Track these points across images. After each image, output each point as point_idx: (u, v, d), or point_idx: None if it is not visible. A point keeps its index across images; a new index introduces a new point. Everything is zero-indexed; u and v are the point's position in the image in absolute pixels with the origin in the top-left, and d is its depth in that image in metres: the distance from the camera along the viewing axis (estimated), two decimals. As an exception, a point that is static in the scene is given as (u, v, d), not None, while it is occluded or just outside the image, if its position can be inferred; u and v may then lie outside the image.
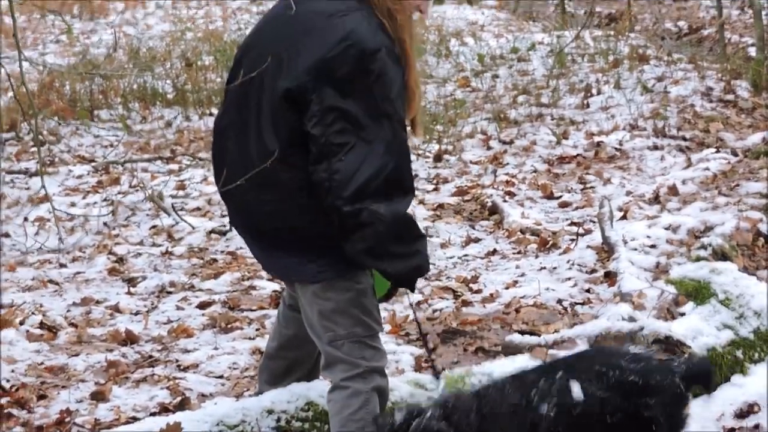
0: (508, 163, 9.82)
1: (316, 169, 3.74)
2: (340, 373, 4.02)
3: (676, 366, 4.05)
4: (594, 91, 12.12)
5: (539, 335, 5.56)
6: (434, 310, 6.52)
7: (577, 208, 8.46)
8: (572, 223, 8.03)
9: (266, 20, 4.13)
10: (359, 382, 4.00)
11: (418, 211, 8.22)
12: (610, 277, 6.61)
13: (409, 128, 4.02)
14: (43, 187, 7.23)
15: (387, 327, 5.94)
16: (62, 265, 7.85)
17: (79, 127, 11.99)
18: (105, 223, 8.80)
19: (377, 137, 3.72)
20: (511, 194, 8.86)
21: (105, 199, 9.36)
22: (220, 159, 4.09)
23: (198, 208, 9.01)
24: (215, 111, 12.23)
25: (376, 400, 4.02)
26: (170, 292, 7.21)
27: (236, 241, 7.82)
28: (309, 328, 4.13)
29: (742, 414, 4.61)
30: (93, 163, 10.70)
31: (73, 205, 9.33)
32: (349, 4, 3.81)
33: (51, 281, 7.48)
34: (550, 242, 7.65)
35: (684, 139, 10.04)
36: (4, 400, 5.42)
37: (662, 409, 3.88)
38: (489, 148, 10.37)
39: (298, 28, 3.84)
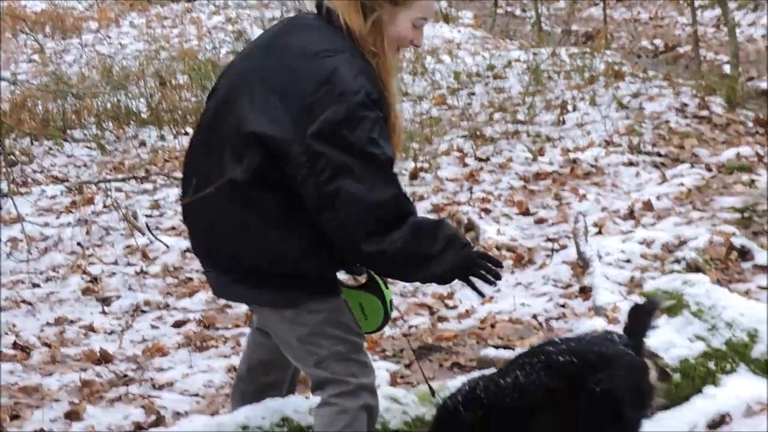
0: (484, 180, 9.85)
1: (323, 220, 3.71)
2: (330, 391, 4.03)
3: (617, 336, 4.15)
4: (570, 107, 12.18)
5: (514, 349, 5.63)
6: (410, 326, 6.57)
7: (552, 224, 8.51)
8: (548, 239, 8.09)
9: (254, 46, 4.10)
10: (348, 399, 4.00)
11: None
12: (585, 292, 6.68)
13: None
14: (15, 207, 7.22)
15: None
16: (35, 285, 7.86)
17: (52, 147, 11.97)
18: (79, 243, 8.79)
19: (368, 177, 3.67)
20: (487, 211, 8.91)
21: (79, 219, 9.35)
22: (187, 175, 4.07)
23: (173, 227, 9.03)
24: (190, 130, 12.26)
25: (363, 419, 4.03)
26: (145, 311, 7.23)
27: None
28: (289, 353, 4.12)
29: (714, 425, 4.66)
30: (66, 183, 10.64)
31: (46, 224, 9.31)
32: (336, 45, 3.78)
33: (24, 301, 7.49)
34: (526, 258, 7.71)
35: (659, 155, 10.11)
36: (-23, 421, 5.44)
37: (617, 381, 3.94)
38: (465, 165, 10.41)
39: (283, 64, 3.80)
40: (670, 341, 5.08)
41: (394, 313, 6.18)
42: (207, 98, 4.16)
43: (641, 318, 4.19)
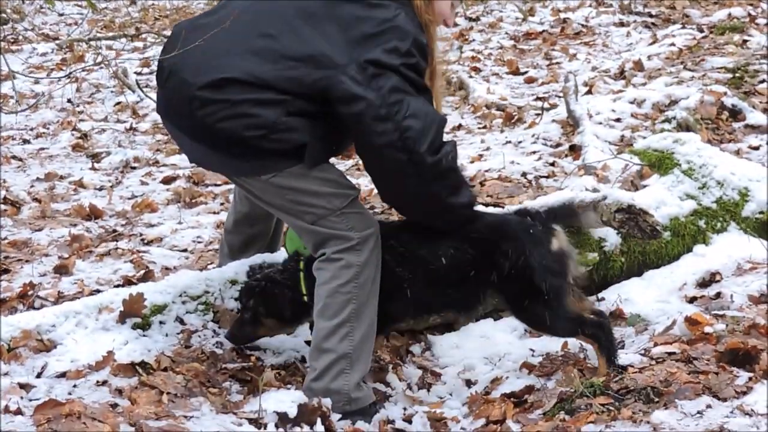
0: (473, 40, 9.68)
1: (378, 131, 3.78)
2: (334, 247, 3.96)
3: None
4: (561, -33, 11.92)
5: (503, 207, 5.49)
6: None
7: (542, 84, 8.36)
8: (538, 98, 7.94)
9: None
10: (352, 254, 3.94)
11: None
12: (575, 151, 6.54)
13: None
14: (6, 64, 7.06)
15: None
16: (26, 141, 7.76)
17: (43, 5, 11.76)
18: (69, 100, 8.67)
19: (424, 100, 3.88)
20: (477, 70, 8.74)
21: (69, 75, 9.19)
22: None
23: (163, 85, 8.85)
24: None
25: (366, 274, 3.96)
26: (134, 168, 7.14)
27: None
28: (281, 215, 4.08)
29: (704, 283, 4.57)
30: (57, 41, 10.52)
31: (37, 82, 9.18)
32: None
33: (14, 157, 7.38)
34: (516, 117, 7.57)
35: (650, 15, 9.93)
36: (-34, 275, 5.35)
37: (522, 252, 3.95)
38: (455, 24, 10.19)
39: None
40: (661, 199, 4.97)
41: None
42: None
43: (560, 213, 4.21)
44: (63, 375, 3.92)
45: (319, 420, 3.80)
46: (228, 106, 3.76)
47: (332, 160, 4.12)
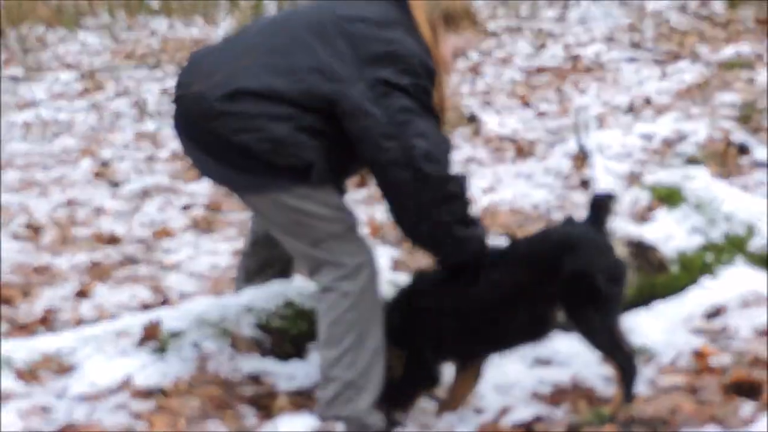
0: (486, 74, 9.71)
1: (384, 148, 3.78)
2: (328, 275, 3.95)
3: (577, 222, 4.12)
4: (572, 4, 11.97)
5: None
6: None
7: (553, 118, 8.37)
8: (549, 132, 7.95)
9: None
10: (347, 282, 3.93)
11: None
12: (585, 184, 6.56)
13: None
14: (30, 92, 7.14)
15: (366, 230, 5.89)
16: (48, 168, 7.78)
17: (65, 35, 11.83)
18: (91, 128, 8.71)
19: (430, 121, 3.86)
20: (489, 103, 8.77)
21: (91, 105, 9.26)
22: (214, 58, 3.99)
23: (182, 114, 8.88)
24: (200, 21, 12.07)
25: (365, 302, 3.95)
26: (153, 195, 7.15)
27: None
28: (281, 236, 4.06)
29: (710, 315, 4.56)
30: (79, 70, 10.58)
31: (59, 110, 9.23)
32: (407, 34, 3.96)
33: (37, 183, 7.41)
34: (527, 150, 7.58)
35: (659, 51, 9.94)
36: (-11, 298, 5.38)
37: (585, 259, 3.89)
38: (467, 58, 10.25)
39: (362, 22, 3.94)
40: (670, 234, 4.98)
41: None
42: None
43: (601, 206, 4.07)
44: (83, 398, 3.94)
45: (332, 445, 3.82)
46: (243, 118, 3.79)
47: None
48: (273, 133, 3.79)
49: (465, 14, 4.12)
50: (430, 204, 3.86)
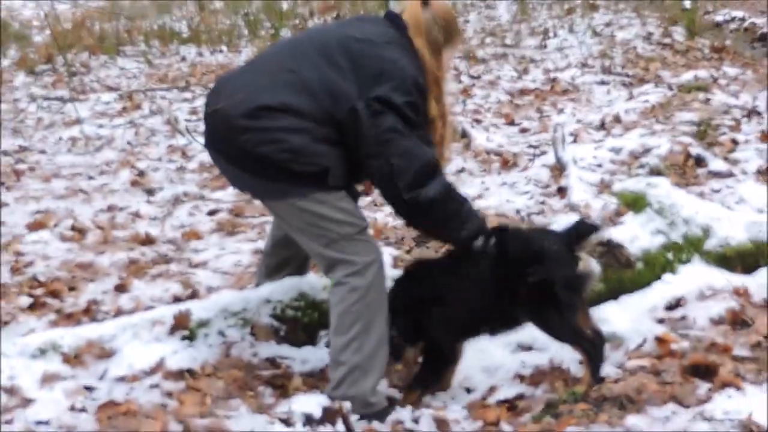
0: (476, 95, 9.70)
1: (373, 167, 3.82)
2: (341, 272, 3.96)
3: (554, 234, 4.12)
4: (551, 34, 11.97)
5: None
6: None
7: (534, 133, 8.36)
8: (530, 146, 7.93)
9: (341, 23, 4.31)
10: (357, 278, 3.93)
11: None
12: (562, 192, 6.54)
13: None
14: (76, 110, 7.14)
15: (371, 231, 5.88)
16: (91, 177, 7.77)
17: (107, 61, 11.83)
18: (128, 142, 8.70)
19: (414, 138, 3.83)
20: (479, 121, 8.76)
21: (129, 122, 9.25)
22: (241, 79, 3.98)
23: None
24: (224, 48, 12.07)
25: (372, 295, 3.95)
26: (183, 201, 7.13)
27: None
28: (300, 238, 4.05)
29: (671, 307, 4.57)
30: (118, 92, 10.56)
31: (101, 126, 9.22)
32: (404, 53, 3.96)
33: (81, 191, 7.40)
34: (511, 162, 7.57)
35: (627, 75, 9.93)
36: (40, 291, 5.37)
37: (551, 271, 3.91)
38: (460, 82, 10.25)
39: (362, 44, 3.93)
40: (635, 235, 4.98)
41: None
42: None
43: (581, 231, 4.08)
44: (121, 379, 3.94)
45: (340, 421, 3.82)
46: (264, 132, 3.79)
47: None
48: (292, 144, 3.79)
49: (456, 26, 4.15)
50: (413, 215, 3.94)
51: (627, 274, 4.81)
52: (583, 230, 4.10)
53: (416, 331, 4.15)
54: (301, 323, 4.48)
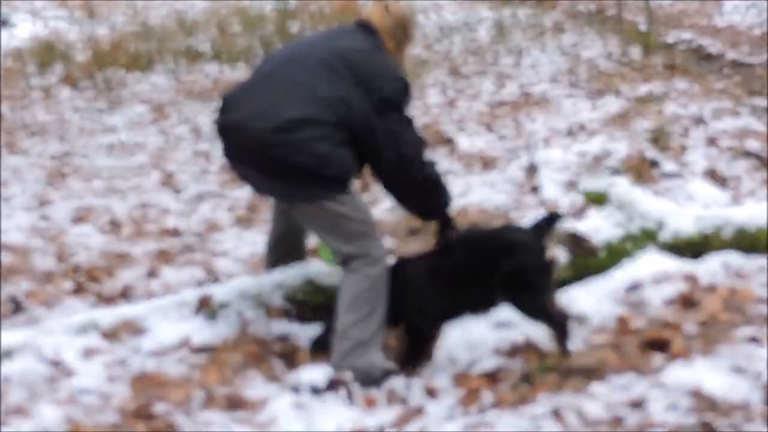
0: (460, 106, 9.68)
1: (384, 156, 3.86)
2: (357, 263, 3.95)
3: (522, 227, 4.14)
4: (525, 54, 11.94)
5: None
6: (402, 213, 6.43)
7: (511, 139, 8.34)
8: (507, 150, 7.92)
9: (319, 34, 4.34)
10: (371, 268, 3.93)
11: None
12: (534, 190, 6.53)
13: None
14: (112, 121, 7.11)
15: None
16: (126, 178, 7.75)
17: (140, 77, 11.80)
18: (159, 148, 8.69)
19: (414, 130, 3.98)
20: (462, 129, 8.74)
21: (159, 130, 9.25)
22: (259, 92, 3.91)
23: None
24: (242, 65, 12.06)
25: (379, 284, 3.95)
26: (206, 199, 7.11)
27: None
28: (322, 234, 4.02)
29: (630, 289, 4.56)
30: (150, 104, 10.56)
31: (135, 134, 9.21)
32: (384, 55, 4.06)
33: (118, 190, 7.39)
34: (491, 164, 7.55)
35: (591, 89, 9.91)
36: (82, 278, 5.37)
37: (522, 260, 3.91)
38: (446, 95, 10.23)
39: (351, 53, 3.96)
40: (598, 227, 4.97)
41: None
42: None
43: (548, 221, 4.08)
44: (152, 353, 3.94)
45: (343, 389, 3.82)
46: (296, 144, 3.73)
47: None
48: (320, 152, 3.74)
49: (412, 25, 4.18)
50: (419, 193, 4.02)
51: (591, 261, 4.81)
52: (550, 222, 4.09)
53: (399, 315, 4.12)
54: (309, 305, 4.47)
